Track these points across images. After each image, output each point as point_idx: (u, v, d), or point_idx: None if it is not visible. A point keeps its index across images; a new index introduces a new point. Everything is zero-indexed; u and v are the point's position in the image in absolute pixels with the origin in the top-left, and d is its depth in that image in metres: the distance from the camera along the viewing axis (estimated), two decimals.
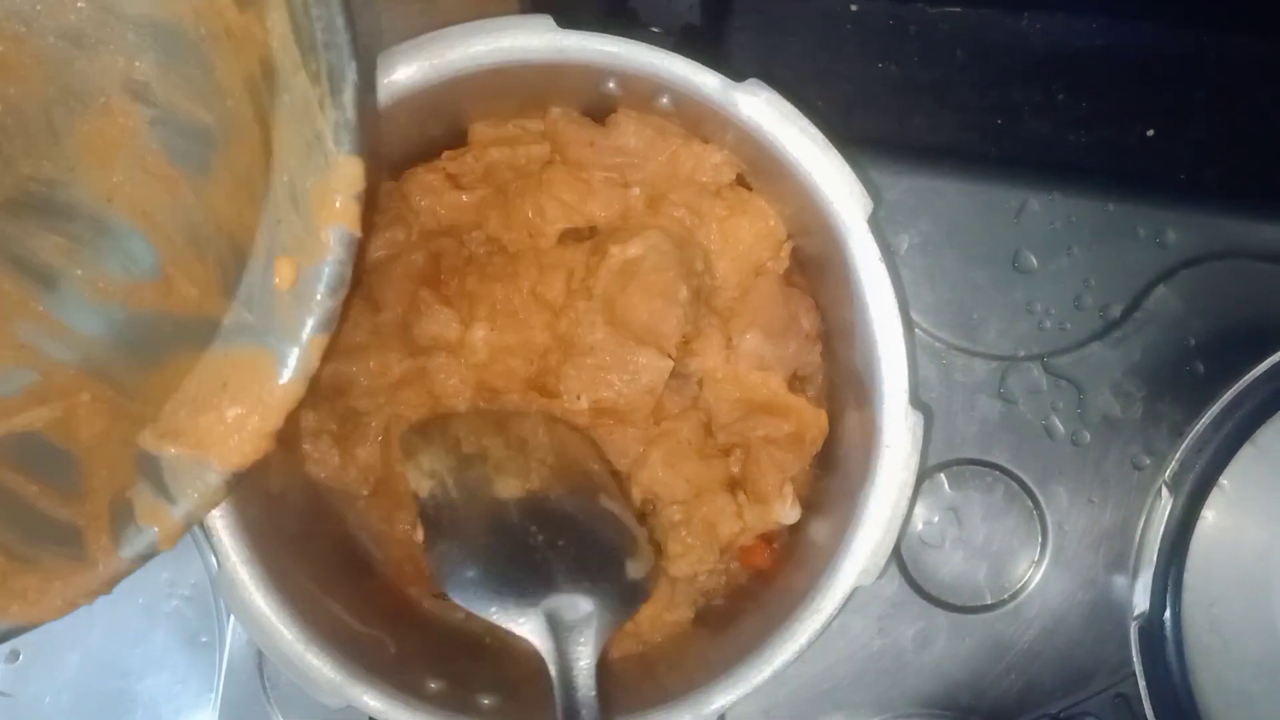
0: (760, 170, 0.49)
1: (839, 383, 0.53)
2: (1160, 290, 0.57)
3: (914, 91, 0.63)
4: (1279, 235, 0.57)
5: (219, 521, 0.46)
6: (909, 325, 0.47)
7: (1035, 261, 0.57)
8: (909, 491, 0.46)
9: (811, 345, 0.53)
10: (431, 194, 0.53)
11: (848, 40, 0.63)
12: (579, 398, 0.50)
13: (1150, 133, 0.63)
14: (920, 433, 0.47)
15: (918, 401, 0.47)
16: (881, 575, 0.47)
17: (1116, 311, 0.57)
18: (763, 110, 0.46)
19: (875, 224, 0.46)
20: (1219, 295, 0.57)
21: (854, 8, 0.64)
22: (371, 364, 0.52)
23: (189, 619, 0.59)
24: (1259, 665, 0.51)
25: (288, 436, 0.53)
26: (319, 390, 0.53)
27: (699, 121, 0.49)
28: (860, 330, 0.47)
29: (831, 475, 0.53)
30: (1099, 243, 0.57)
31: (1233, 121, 0.63)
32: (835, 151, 0.46)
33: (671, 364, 0.51)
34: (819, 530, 0.51)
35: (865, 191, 0.46)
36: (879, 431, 0.47)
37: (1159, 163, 0.63)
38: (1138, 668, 0.51)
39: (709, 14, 0.56)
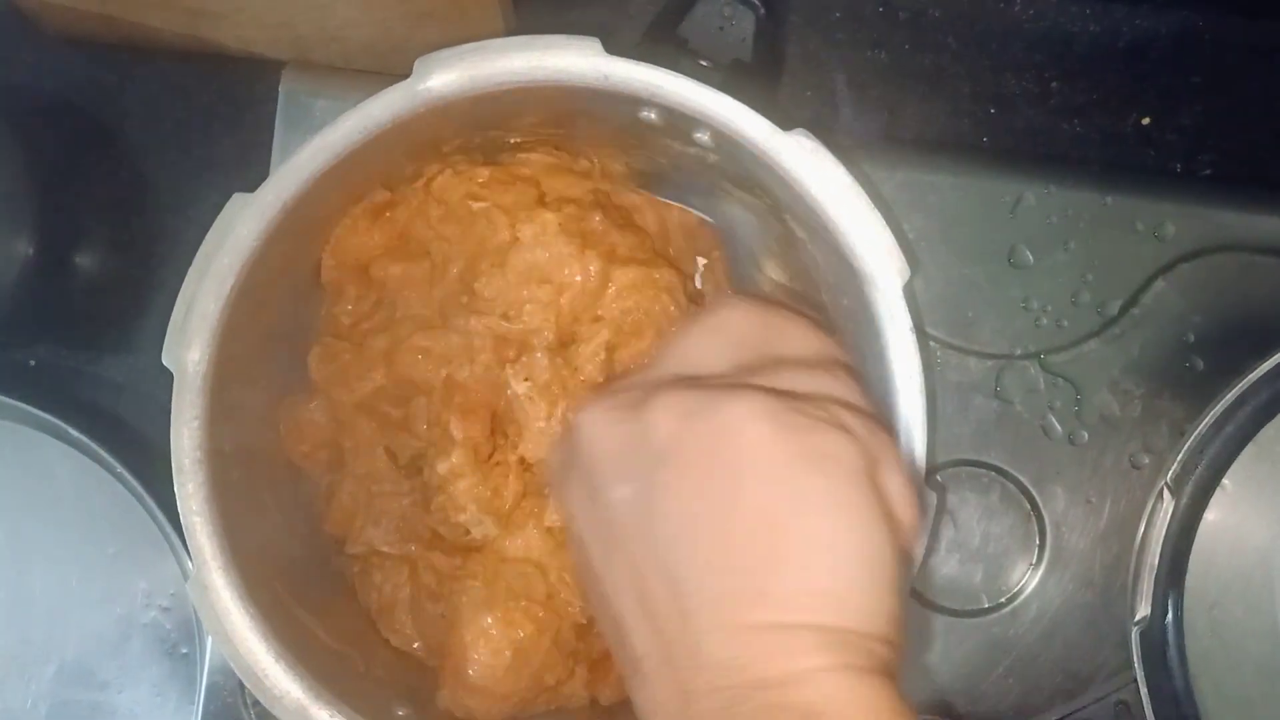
0: (799, 219, 0.48)
1: None
2: (1159, 285, 0.56)
3: (905, 80, 0.62)
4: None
5: (196, 519, 0.45)
6: (933, 404, 0.45)
7: (1031, 257, 0.56)
8: (916, 568, 0.44)
9: None
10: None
11: (836, 27, 0.62)
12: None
13: (1146, 121, 0.62)
14: (933, 513, 0.45)
15: (934, 482, 0.45)
16: None
17: (1114, 308, 0.56)
18: (806, 162, 0.45)
19: (910, 292, 0.45)
20: (1219, 290, 0.56)
21: None
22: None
23: (168, 630, 0.58)
24: (1261, 669, 0.50)
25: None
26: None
27: (736, 159, 0.47)
28: (879, 400, 0.45)
29: None
30: (1096, 237, 0.56)
31: (1228, 105, 0.62)
32: (878, 213, 0.45)
33: None
34: None
35: (904, 258, 0.45)
36: None
37: (1156, 152, 0.62)
38: (1139, 673, 0.50)
39: (761, 52, 0.55)
